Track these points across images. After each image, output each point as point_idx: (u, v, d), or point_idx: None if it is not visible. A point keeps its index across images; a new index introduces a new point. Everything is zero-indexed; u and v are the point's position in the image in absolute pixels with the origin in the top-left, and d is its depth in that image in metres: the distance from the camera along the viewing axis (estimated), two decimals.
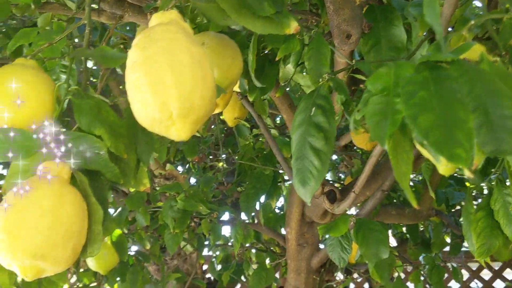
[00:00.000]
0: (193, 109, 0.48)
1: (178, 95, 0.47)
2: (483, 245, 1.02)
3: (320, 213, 1.55)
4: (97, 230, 0.55)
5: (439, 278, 1.87)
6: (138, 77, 0.48)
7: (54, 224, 0.50)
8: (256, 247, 1.96)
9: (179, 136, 0.49)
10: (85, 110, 0.57)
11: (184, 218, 1.41)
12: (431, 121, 0.36)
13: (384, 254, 1.06)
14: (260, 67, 1.05)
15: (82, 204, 0.54)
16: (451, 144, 0.35)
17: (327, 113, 0.69)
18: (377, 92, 0.41)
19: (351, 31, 0.92)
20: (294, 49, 0.84)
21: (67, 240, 0.51)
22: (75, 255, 0.53)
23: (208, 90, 0.49)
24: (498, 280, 3.19)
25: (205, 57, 0.50)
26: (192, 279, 1.84)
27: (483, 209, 1.03)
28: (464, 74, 0.39)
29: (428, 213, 1.90)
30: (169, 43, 0.48)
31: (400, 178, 0.42)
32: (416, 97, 0.37)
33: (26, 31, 0.79)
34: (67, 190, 0.54)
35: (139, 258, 1.53)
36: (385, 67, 0.42)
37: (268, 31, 0.60)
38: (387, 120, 0.39)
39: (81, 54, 0.62)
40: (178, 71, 0.47)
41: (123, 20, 1.23)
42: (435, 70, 0.40)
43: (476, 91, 0.38)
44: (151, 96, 0.47)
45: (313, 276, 1.65)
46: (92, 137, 0.57)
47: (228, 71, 0.79)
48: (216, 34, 0.81)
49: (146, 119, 0.49)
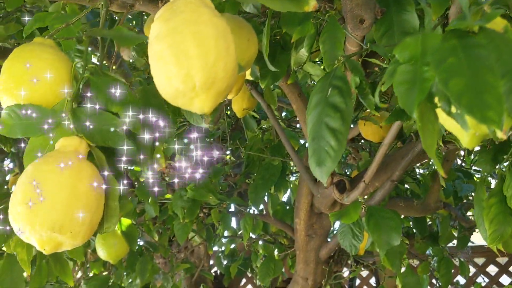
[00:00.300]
0: (216, 81, 0.48)
1: (201, 66, 0.47)
2: (495, 231, 1.02)
3: (329, 204, 1.54)
4: (114, 205, 0.55)
5: (447, 270, 1.87)
6: (162, 49, 0.47)
7: (71, 197, 0.50)
8: (264, 239, 1.96)
9: (202, 108, 0.49)
10: (102, 88, 0.57)
11: (193, 208, 1.41)
12: (462, 85, 0.35)
13: (396, 241, 1.06)
14: (271, 54, 1.05)
15: (99, 179, 0.54)
16: (483, 107, 0.34)
17: (344, 94, 0.69)
18: (405, 61, 0.40)
19: (364, 16, 0.92)
20: (308, 31, 0.84)
21: (85, 214, 0.51)
22: (92, 229, 0.53)
23: (231, 62, 0.49)
24: (505, 276, 3.18)
25: (227, 29, 0.50)
26: (200, 271, 1.85)
27: (496, 195, 1.02)
28: (491, 41, 0.39)
29: (436, 205, 1.90)
30: (192, 15, 0.48)
31: (427, 148, 0.42)
32: (446, 63, 0.37)
33: (41, 15, 0.79)
34: (85, 165, 0.54)
35: (148, 248, 1.53)
36: (411, 37, 0.41)
37: (287, 9, 0.59)
38: (415, 88, 0.39)
39: (98, 33, 0.62)
40: (202, 42, 0.47)
41: (134, 9, 1.22)
42: (463, 38, 0.40)
43: (504, 58, 0.38)
44: (175, 67, 0.47)
45: (321, 267, 1.65)
46: (109, 114, 0.57)
47: (244, 51, 0.79)
48: (232, 16, 0.81)
49: (169, 91, 0.48)
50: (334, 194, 1.46)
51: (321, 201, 1.56)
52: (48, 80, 0.58)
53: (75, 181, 0.51)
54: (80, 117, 0.57)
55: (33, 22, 0.79)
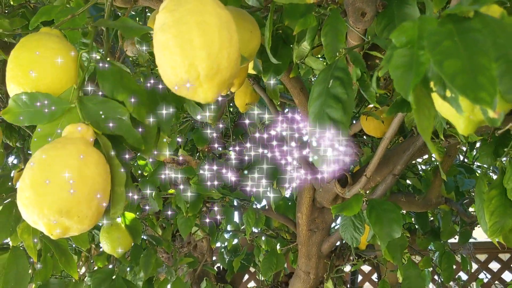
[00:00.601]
0: (220, 71, 0.49)
1: (205, 56, 0.48)
2: (496, 223, 1.03)
3: (331, 198, 1.56)
4: (120, 191, 0.56)
5: (449, 264, 1.88)
6: (167, 39, 0.49)
7: (79, 182, 0.51)
8: (266, 233, 1.97)
9: (206, 97, 0.50)
10: (108, 76, 0.59)
11: (197, 202, 1.43)
12: (456, 67, 0.36)
13: (397, 233, 1.07)
14: (274, 48, 1.06)
15: (106, 165, 0.55)
16: (476, 88, 0.36)
17: (345, 85, 0.70)
18: (402, 45, 0.41)
19: (366, 9, 0.93)
20: (310, 24, 0.85)
21: (92, 199, 0.52)
22: (99, 215, 0.54)
23: (235, 52, 0.50)
24: (507, 272, 3.18)
25: (231, 20, 0.51)
26: (203, 266, 1.86)
27: (496, 187, 1.03)
28: (487, 26, 0.40)
29: (438, 200, 1.91)
30: (197, 5, 0.49)
31: (423, 132, 0.43)
32: (442, 46, 0.38)
33: (47, 8, 0.80)
34: (92, 151, 0.55)
35: (152, 242, 1.54)
36: (409, 22, 0.43)
37: (290, 0, 0.61)
38: (411, 72, 0.40)
39: (103, 23, 0.63)
40: (206, 32, 0.48)
41: (137, 4, 1.24)
42: (459, 22, 0.41)
43: (499, 41, 0.39)
44: (180, 57, 0.48)
45: (323, 261, 1.66)
46: (115, 103, 0.58)
47: (247, 43, 0.80)
48: (235, 8, 0.82)
49: (174, 81, 0.50)
50: (336, 188, 1.47)
51: (323, 195, 1.58)
52: (55, 69, 0.60)
53: (82, 166, 0.52)
54: (87, 105, 0.58)
55: (39, 15, 0.80)
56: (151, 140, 0.63)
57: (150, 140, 0.62)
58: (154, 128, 0.63)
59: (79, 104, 0.58)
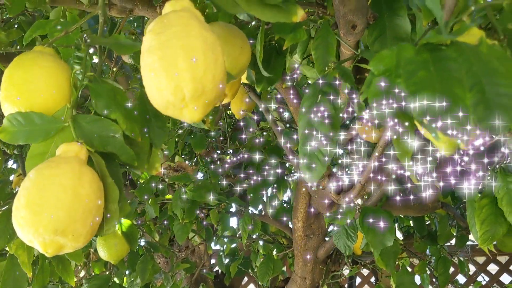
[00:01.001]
0: (205, 92, 0.51)
1: (191, 78, 0.49)
2: (486, 232, 1.04)
3: (326, 204, 1.57)
4: (114, 208, 0.58)
5: (445, 269, 1.89)
6: (153, 61, 0.50)
7: (74, 201, 0.53)
8: (263, 238, 1.98)
9: (192, 118, 0.52)
10: (101, 94, 0.60)
11: (192, 208, 1.44)
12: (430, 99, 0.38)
13: (390, 242, 1.08)
14: (267, 59, 1.07)
15: (99, 183, 0.57)
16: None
17: (333, 100, 0.71)
18: (380, 73, 0.43)
19: (357, 22, 0.94)
20: (300, 38, 0.86)
21: (86, 217, 0.54)
22: (93, 232, 0.56)
23: (220, 74, 0.52)
24: (505, 274, 3.19)
25: (217, 42, 0.52)
26: (200, 271, 1.87)
27: (487, 196, 1.05)
28: (462, 54, 0.42)
29: (434, 205, 1.92)
30: (182, 28, 0.51)
31: (401, 156, 0.44)
32: (416, 76, 0.40)
33: (41, 22, 0.82)
34: (85, 169, 0.56)
35: (149, 248, 1.56)
36: (388, 49, 0.44)
37: (276, 19, 0.62)
38: None
39: (96, 41, 0.65)
40: (191, 55, 0.49)
41: (133, 13, 1.25)
42: (435, 51, 0.42)
43: (473, 70, 0.41)
44: (165, 79, 0.50)
45: (319, 267, 1.68)
46: (108, 121, 0.59)
47: (237, 59, 0.81)
48: (225, 24, 0.83)
49: (160, 102, 0.51)
50: (331, 194, 1.49)
51: (318, 201, 1.59)
52: (49, 88, 0.61)
53: (77, 185, 0.54)
54: (80, 123, 0.60)
55: (34, 29, 0.81)
56: (144, 156, 0.64)
57: (143, 156, 0.64)
58: (146, 144, 0.64)
59: (72, 122, 0.60)
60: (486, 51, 0.45)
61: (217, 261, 2.25)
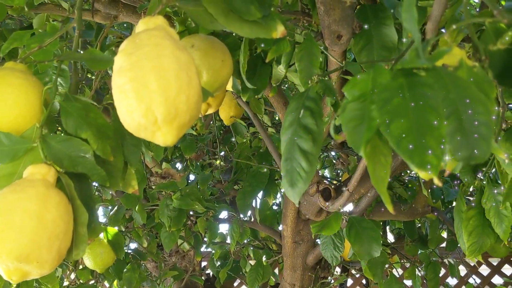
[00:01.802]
0: (178, 114, 0.49)
1: (163, 100, 0.47)
2: (474, 243, 1.03)
3: (315, 211, 1.56)
4: (83, 232, 0.56)
5: (435, 274, 1.89)
6: (123, 83, 0.48)
7: (39, 227, 0.51)
8: (253, 244, 1.97)
9: (165, 141, 0.50)
10: (72, 113, 0.58)
11: (180, 216, 1.42)
12: (403, 128, 0.36)
13: (377, 253, 1.07)
14: (252, 67, 1.05)
15: (68, 207, 0.55)
16: (422, 151, 0.35)
17: (315, 115, 0.70)
18: (354, 99, 0.41)
19: (342, 32, 0.92)
20: (284, 50, 0.84)
21: (52, 243, 0.52)
22: (60, 258, 0.54)
23: (194, 95, 0.50)
24: (497, 276, 3.19)
25: (191, 62, 0.50)
26: (190, 276, 1.86)
27: (475, 207, 1.03)
28: (439, 80, 0.40)
29: (424, 210, 1.91)
30: (154, 49, 0.49)
31: (377, 183, 0.42)
32: (390, 104, 0.38)
33: (19, 33, 0.80)
34: (53, 193, 0.54)
35: (136, 256, 1.54)
36: (362, 74, 0.42)
37: (255, 35, 0.60)
38: (363, 126, 0.40)
39: (69, 57, 0.63)
40: (162, 76, 0.47)
41: (117, 20, 1.23)
42: (411, 76, 0.41)
43: (450, 97, 0.39)
44: (136, 101, 0.48)
45: (308, 273, 1.66)
46: (78, 140, 0.57)
47: (218, 72, 0.79)
48: (205, 36, 0.81)
49: (131, 124, 0.49)
50: (320, 202, 1.47)
51: (307, 208, 1.58)
52: (18, 106, 0.59)
53: (42, 210, 0.52)
54: (50, 143, 0.58)
55: (11, 41, 0.79)
56: (117, 174, 0.62)
57: (116, 174, 0.62)
58: (120, 162, 0.62)
59: (41, 143, 0.58)
60: (466, 76, 0.44)
61: (209, 264, 2.23)
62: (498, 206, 1.01)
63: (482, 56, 0.50)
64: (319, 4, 0.90)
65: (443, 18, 0.90)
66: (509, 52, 0.53)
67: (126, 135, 0.63)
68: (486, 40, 0.54)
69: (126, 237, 1.74)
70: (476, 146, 0.38)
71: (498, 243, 1.42)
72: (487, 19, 0.52)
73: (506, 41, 0.47)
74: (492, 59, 0.53)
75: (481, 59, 0.50)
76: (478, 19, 0.53)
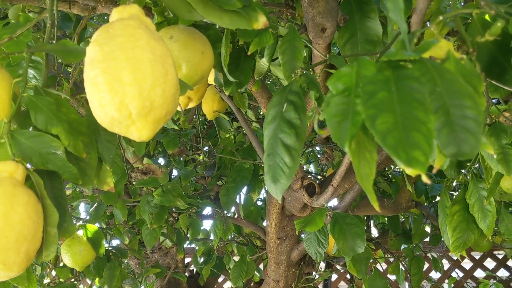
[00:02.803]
0: (154, 108, 0.46)
1: (137, 94, 0.45)
2: (458, 239, 1.02)
3: (299, 207, 1.54)
4: (53, 232, 0.53)
5: (418, 268, 1.89)
6: (95, 75, 0.45)
7: (5, 228, 0.48)
8: (237, 240, 1.95)
9: (140, 136, 0.47)
10: (42, 108, 0.55)
11: (161, 213, 1.39)
12: (389, 123, 0.34)
13: (361, 249, 1.06)
14: (235, 60, 1.03)
15: (37, 206, 0.52)
16: (409, 147, 0.33)
17: (299, 110, 0.68)
18: (338, 92, 0.39)
19: (326, 24, 0.90)
20: (267, 42, 0.82)
21: (20, 244, 0.49)
22: (29, 259, 0.51)
23: (170, 88, 0.47)
24: (479, 270, 3.23)
25: (167, 53, 0.48)
26: (173, 273, 1.83)
27: (459, 202, 1.03)
28: (426, 73, 0.38)
29: (408, 204, 1.92)
30: (128, 39, 0.46)
31: (362, 180, 0.40)
32: (376, 98, 0.36)
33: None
34: (21, 191, 0.51)
35: (117, 253, 1.50)
36: (347, 67, 0.40)
37: (236, 26, 0.58)
38: (347, 122, 0.38)
39: (40, 49, 0.60)
40: (137, 68, 0.45)
41: (96, 11, 1.19)
42: (398, 69, 0.39)
43: (438, 90, 0.37)
44: (109, 95, 0.45)
45: (293, 269, 1.65)
46: (48, 137, 0.54)
47: (198, 65, 0.76)
48: (185, 28, 0.78)
49: (104, 119, 0.47)
50: (304, 197, 1.46)
51: (291, 203, 1.56)
52: None
53: (9, 210, 0.49)
54: (18, 139, 0.55)
55: None
56: (90, 172, 0.59)
57: (89, 172, 0.59)
58: (94, 159, 0.60)
59: (9, 139, 0.55)
60: (453, 68, 0.42)
61: (192, 260, 2.21)
62: (482, 201, 1.01)
63: (470, 48, 0.48)
64: None
65: (428, 11, 0.88)
66: (496, 43, 0.51)
67: (101, 131, 0.61)
68: (473, 32, 0.52)
69: (107, 234, 1.70)
70: (464, 141, 0.36)
71: (481, 238, 1.42)
72: (474, 10, 0.50)
73: (494, 32, 0.45)
74: (479, 51, 0.52)
75: (468, 51, 0.48)
76: (465, 10, 0.51)
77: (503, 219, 1.11)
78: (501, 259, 3.16)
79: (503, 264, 3.15)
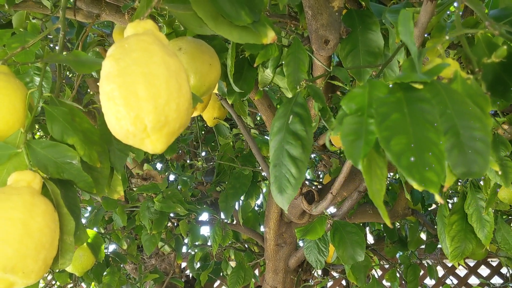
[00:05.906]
0: (168, 122, 0.48)
1: (152, 108, 0.46)
2: (457, 248, 1.04)
3: (298, 214, 1.56)
4: (69, 241, 0.54)
5: (414, 276, 1.91)
6: (112, 89, 0.47)
7: (24, 236, 0.49)
8: (235, 246, 1.96)
9: (154, 149, 0.49)
10: (58, 118, 0.56)
11: (161, 219, 1.40)
12: (403, 145, 0.36)
13: (360, 257, 1.07)
14: (239, 70, 1.05)
15: (54, 214, 0.53)
16: (422, 168, 0.35)
17: (304, 121, 0.69)
18: (352, 112, 0.41)
19: (329, 37, 0.92)
20: (272, 55, 0.84)
21: (38, 252, 0.50)
22: (46, 267, 0.52)
23: (184, 102, 0.49)
24: (473, 277, 3.25)
25: (181, 68, 0.49)
26: (170, 279, 1.84)
27: (457, 212, 1.05)
28: (436, 95, 0.40)
29: (404, 212, 1.94)
30: (143, 54, 0.47)
31: (373, 196, 0.42)
32: (389, 120, 0.38)
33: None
34: (38, 200, 0.52)
35: (115, 259, 1.51)
36: (359, 87, 0.42)
37: (245, 40, 0.59)
38: (361, 141, 0.39)
39: (54, 60, 0.61)
40: (152, 84, 0.46)
41: (100, 19, 1.21)
42: (409, 91, 0.40)
43: (448, 112, 0.39)
44: (125, 109, 0.46)
45: (290, 276, 1.66)
46: (65, 146, 0.56)
47: (206, 77, 0.78)
48: (193, 39, 0.80)
49: (120, 132, 0.48)
50: (303, 205, 1.47)
51: (290, 210, 1.57)
52: (1, 110, 0.57)
53: (28, 218, 0.50)
54: (35, 149, 0.56)
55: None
56: (103, 181, 0.60)
57: (102, 181, 0.60)
58: (106, 169, 0.61)
59: (26, 148, 0.56)
60: (461, 89, 0.44)
61: (188, 265, 2.21)
62: (480, 211, 1.03)
63: (476, 68, 0.50)
64: (307, 8, 0.89)
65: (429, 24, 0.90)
66: (501, 64, 0.53)
67: (113, 140, 0.62)
68: (478, 52, 0.54)
69: (105, 239, 1.71)
70: (474, 162, 0.38)
71: (479, 247, 1.44)
72: (479, 30, 0.52)
73: (500, 55, 0.47)
74: (484, 70, 0.53)
75: (474, 71, 0.50)
76: (471, 31, 0.53)
77: (500, 229, 1.13)
78: (495, 267, 3.19)
79: (497, 271, 3.18)
